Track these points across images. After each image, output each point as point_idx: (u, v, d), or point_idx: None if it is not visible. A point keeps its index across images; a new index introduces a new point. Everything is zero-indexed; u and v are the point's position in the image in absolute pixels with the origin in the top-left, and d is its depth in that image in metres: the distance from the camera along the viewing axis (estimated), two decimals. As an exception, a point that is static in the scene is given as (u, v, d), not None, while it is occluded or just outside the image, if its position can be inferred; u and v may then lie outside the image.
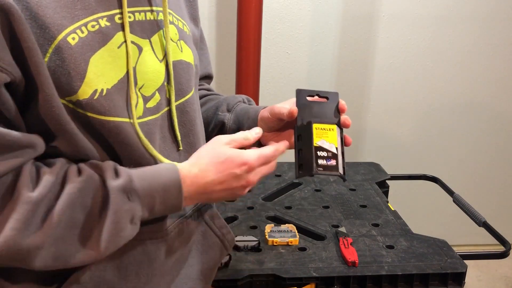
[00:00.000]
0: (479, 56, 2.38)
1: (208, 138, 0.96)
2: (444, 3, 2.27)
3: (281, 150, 0.81)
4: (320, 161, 0.78)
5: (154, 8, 0.74)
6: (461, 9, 2.29)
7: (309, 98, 0.85)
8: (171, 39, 0.75)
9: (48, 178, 0.62)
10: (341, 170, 0.79)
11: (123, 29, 0.68)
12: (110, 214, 0.64)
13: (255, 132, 0.82)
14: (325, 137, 0.81)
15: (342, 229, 1.36)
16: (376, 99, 2.41)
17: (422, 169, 2.10)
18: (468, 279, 1.35)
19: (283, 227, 1.33)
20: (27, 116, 0.64)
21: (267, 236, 1.28)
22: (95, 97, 0.65)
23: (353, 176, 1.73)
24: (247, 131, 0.81)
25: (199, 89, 1.02)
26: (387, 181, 1.74)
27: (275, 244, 1.27)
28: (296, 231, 1.32)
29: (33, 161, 0.64)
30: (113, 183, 0.65)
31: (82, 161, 0.68)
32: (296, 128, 0.82)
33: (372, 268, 1.18)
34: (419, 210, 2.53)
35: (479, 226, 1.46)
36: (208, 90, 1.05)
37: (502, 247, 1.35)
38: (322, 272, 1.16)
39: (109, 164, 0.68)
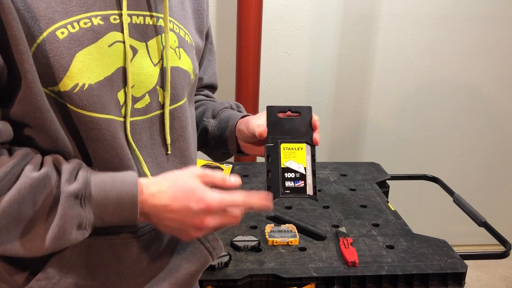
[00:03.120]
0: (479, 56, 2.38)
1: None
2: (444, 3, 2.27)
3: (251, 204, 0.73)
4: (288, 183, 0.77)
5: (154, 14, 0.75)
6: (461, 9, 2.29)
7: (280, 115, 0.82)
8: (170, 46, 0.77)
9: (2, 168, 0.62)
10: (310, 191, 0.77)
11: (117, 30, 0.70)
12: (57, 217, 0.65)
13: (234, 180, 0.75)
14: (293, 157, 0.79)
15: (342, 229, 1.36)
16: (376, 99, 2.42)
17: (422, 169, 2.10)
18: (468, 279, 1.35)
19: (283, 227, 1.33)
20: (7, 104, 0.65)
21: (267, 236, 1.28)
22: (75, 91, 0.66)
23: (353, 176, 1.73)
24: (226, 175, 0.76)
25: (197, 94, 1.02)
26: (387, 181, 1.74)
27: (275, 244, 1.27)
28: (296, 231, 1.32)
29: None
30: (67, 188, 0.65)
31: (56, 154, 0.69)
32: (266, 148, 0.79)
33: (372, 268, 1.18)
34: (419, 210, 2.53)
35: (479, 226, 1.46)
36: (207, 96, 1.05)
37: (502, 247, 1.35)
38: (322, 272, 1.16)
39: (72, 165, 0.68)
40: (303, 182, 0.77)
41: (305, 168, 0.78)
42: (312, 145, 0.80)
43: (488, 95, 2.46)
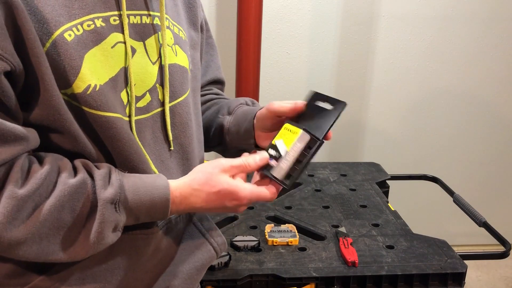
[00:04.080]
0: (479, 56, 2.38)
1: (210, 141, 0.96)
2: (444, 3, 2.27)
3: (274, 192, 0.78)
4: (270, 161, 0.78)
5: (151, 13, 0.76)
6: (461, 9, 2.29)
7: (320, 103, 0.80)
8: (166, 43, 0.77)
9: (37, 175, 0.63)
10: (278, 174, 0.76)
11: (118, 31, 0.70)
12: (96, 223, 0.66)
13: (259, 158, 0.78)
14: (285, 138, 0.79)
15: (342, 229, 1.36)
16: (376, 99, 2.41)
17: (422, 169, 2.10)
18: (468, 279, 1.35)
19: (283, 227, 1.33)
20: (27, 109, 0.65)
21: (267, 236, 1.28)
22: (88, 92, 0.67)
23: (353, 176, 1.74)
24: (250, 156, 0.78)
25: (207, 94, 1.02)
26: (387, 181, 1.74)
27: (275, 244, 1.27)
28: (296, 231, 1.32)
29: (26, 155, 0.65)
30: (103, 194, 0.67)
31: (78, 155, 0.70)
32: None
33: (372, 268, 1.18)
34: (419, 210, 2.53)
35: (479, 226, 1.46)
36: (217, 94, 1.04)
37: (502, 247, 1.35)
38: (322, 272, 1.16)
39: (104, 170, 0.69)
40: (275, 162, 0.77)
41: (287, 151, 0.77)
42: (317, 138, 0.76)
43: (488, 95, 2.45)
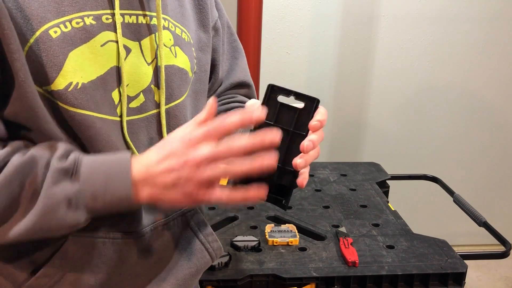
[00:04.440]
0: (479, 56, 2.38)
1: None
2: (444, 4, 2.27)
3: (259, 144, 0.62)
4: None
5: (147, 13, 0.75)
6: (461, 9, 2.29)
7: (281, 98, 0.69)
8: (164, 44, 0.76)
9: None
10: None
11: (110, 29, 0.70)
12: (43, 190, 0.62)
13: (256, 114, 0.63)
14: None
15: (342, 229, 1.36)
16: (376, 99, 2.42)
17: (422, 169, 2.10)
18: (468, 279, 1.35)
19: (283, 227, 1.33)
20: (1, 104, 0.65)
21: (267, 236, 1.28)
22: (69, 89, 0.66)
23: (353, 176, 1.73)
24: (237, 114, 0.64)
25: (230, 102, 0.96)
26: (387, 181, 1.74)
27: (275, 244, 1.27)
28: (296, 231, 1.32)
29: None
30: (56, 164, 0.63)
31: None
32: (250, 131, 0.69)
33: (373, 268, 1.18)
34: (419, 210, 2.53)
35: (480, 226, 1.46)
36: (241, 102, 0.97)
37: (502, 247, 1.35)
38: (322, 272, 1.16)
39: (65, 147, 0.66)
40: None
41: None
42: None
43: (488, 95, 2.46)
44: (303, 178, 0.67)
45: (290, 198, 0.69)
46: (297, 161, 0.66)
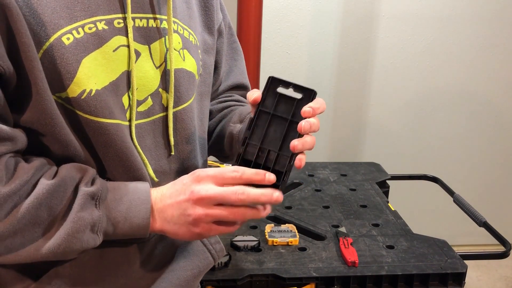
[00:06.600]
0: (479, 56, 2.38)
1: (223, 151, 0.93)
2: (444, 3, 2.27)
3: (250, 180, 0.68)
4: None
5: (158, 16, 0.74)
6: (461, 9, 2.29)
7: (281, 89, 0.72)
8: (174, 48, 0.76)
9: (22, 175, 0.62)
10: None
11: (121, 34, 0.69)
12: (72, 213, 0.65)
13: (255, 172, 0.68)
14: None
15: (342, 229, 1.36)
16: (376, 99, 2.41)
17: (422, 169, 2.10)
18: (468, 279, 1.35)
19: (283, 227, 1.33)
20: (18, 111, 0.65)
21: (267, 236, 1.28)
22: (83, 97, 0.66)
23: (353, 176, 1.73)
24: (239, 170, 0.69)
25: (227, 100, 0.99)
26: (387, 181, 1.74)
27: (275, 244, 1.27)
28: (296, 231, 1.32)
29: (13, 155, 0.65)
30: (85, 189, 0.66)
31: (68, 159, 0.69)
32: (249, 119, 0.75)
33: (372, 268, 1.18)
34: (419, 210, 2.53)
35: (480, 226, 1.46)
36: (237, 101, 1.00)
37: (502, 247, 1.35)
38: (322, 272, 1.16)
39: (92, 172, 0.69)
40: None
41: None
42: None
43: (488, 95, 2.45)
44: (300, 158, 0.69)
45: (286, 183, 0.72)
46: (295, 143, 0.69)
